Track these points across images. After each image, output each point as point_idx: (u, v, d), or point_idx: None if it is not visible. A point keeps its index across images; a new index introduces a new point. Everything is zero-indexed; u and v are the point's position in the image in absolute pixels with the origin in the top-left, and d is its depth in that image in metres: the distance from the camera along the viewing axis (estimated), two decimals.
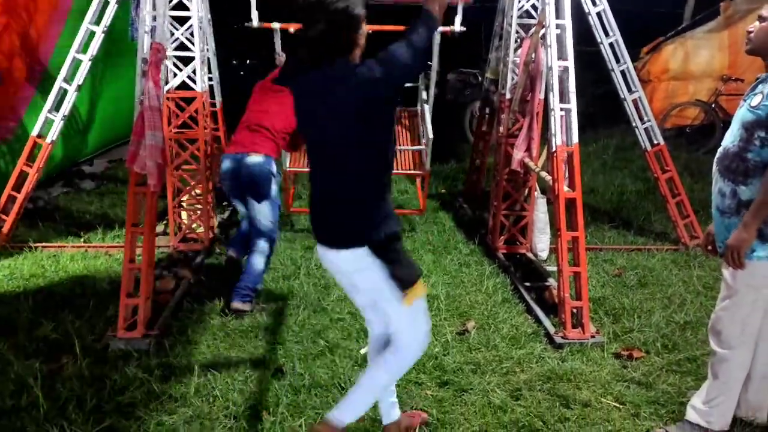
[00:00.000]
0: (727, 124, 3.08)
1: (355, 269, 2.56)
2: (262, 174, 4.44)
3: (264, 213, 4.54)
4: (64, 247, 5.62)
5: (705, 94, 10.29)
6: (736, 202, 2.93)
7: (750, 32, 2.94)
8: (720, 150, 3.04)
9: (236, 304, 4.39)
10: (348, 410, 2.75)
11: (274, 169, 4.54)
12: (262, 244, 4.62)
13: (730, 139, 2.97)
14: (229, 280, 4.86)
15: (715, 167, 3.05)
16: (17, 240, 5.61)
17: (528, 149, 5.14)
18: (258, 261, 4.59)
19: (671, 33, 10.76)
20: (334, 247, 2.57)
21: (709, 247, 3.24)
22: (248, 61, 12.16)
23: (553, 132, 4.41)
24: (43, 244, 5.66)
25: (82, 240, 5.86)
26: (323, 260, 2.71)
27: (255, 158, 4.44)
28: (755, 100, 2.86)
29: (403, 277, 2.54)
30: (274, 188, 4.54)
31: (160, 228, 5.88)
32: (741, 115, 2.92)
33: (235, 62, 12.42)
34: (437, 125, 6.06)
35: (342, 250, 2.54)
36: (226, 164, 4.52)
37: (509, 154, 5.33)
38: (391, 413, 3.04)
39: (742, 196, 2.90)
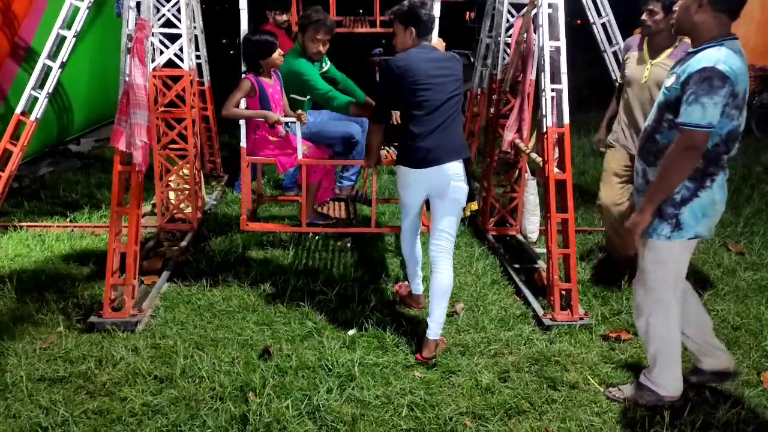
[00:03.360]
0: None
1: (457, 176, 3.71)
2: None
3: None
4: (50, 226, 5.55)
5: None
6: (645, 182, 2.99)
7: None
8: (643, 129, 3.09)
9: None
10: (438, 325, 3.75)
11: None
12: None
13: (649, 118, 3.01)
14: (216, 260, 4.84)
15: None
16: (2, 219, 5.54)
17: (519, 130, 5.09)
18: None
19: None
20: (450, 161, 3.68)
21: None
22: (239, 40, 11.98)
23: (543, 113, 4.37)
24: (29, 223, 5.60)
25: (68, 220, 5.80)
26: (428, 177, 3.70)
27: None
28: (669, 81, 2.86)
29: (471, 193, 3.87)
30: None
31: (147, 208, 5.82)
32: (659, 95, 2.95)
33: (225, 41, 12.25)
34: None
35: (454, 162, 3.69)
36: None
37: (500, 135, 5.29)
38: (420, 287, 4.28)
39: (649, 176, 2.95)
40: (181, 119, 5.38)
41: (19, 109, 5.13)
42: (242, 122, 4.32)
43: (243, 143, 4.34)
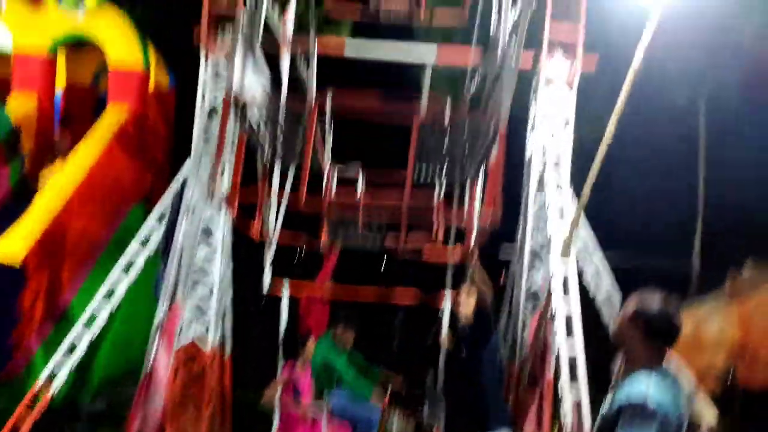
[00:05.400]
0: (746, 396, 3.11)
1: None
2: None
3: None
4: None
5: (719, 366, 10.13)
6: None
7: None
8: None
9: None
10: None
11: None
12: None
13: None
14: None
15: None
16: None
17: (539, 424, 4.96)
18: None
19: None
20: None
21: None
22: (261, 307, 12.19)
23: (564, 413, 4.30)
24: None
25: None
26: None
27: None
28: (605, 407, 2.88)
29: None
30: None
31: None
32: (598, 418, 2.96)
33: (252, 308, 12.51)
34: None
35: None
36: None
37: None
38: None
39: None
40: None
41: (41, 381, 5.15)
42: (276, 408, 5.20)
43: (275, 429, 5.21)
